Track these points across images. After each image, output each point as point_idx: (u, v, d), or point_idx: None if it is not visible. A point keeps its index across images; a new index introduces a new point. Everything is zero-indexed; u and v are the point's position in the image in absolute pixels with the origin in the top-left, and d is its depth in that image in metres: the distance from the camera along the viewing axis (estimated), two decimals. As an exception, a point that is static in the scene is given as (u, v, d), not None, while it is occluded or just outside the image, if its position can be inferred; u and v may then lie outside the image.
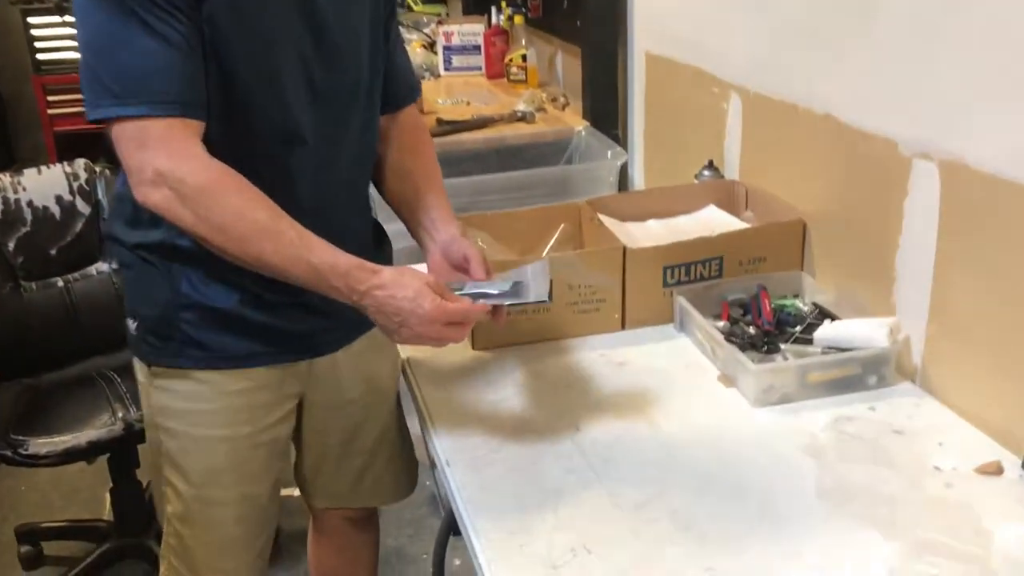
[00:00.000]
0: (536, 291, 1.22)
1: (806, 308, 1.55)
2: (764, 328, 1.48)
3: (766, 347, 1.39)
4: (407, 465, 1.56)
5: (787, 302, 1.59)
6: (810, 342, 1.44)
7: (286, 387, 1.33)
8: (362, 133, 1.30)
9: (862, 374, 1.37)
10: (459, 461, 1.25)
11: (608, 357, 1.51)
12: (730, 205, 1.82)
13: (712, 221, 1.77)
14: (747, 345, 1.41)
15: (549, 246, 1.72)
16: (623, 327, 1.60)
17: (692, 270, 1.59)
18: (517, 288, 1.23)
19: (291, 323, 1.28)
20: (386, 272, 1.12)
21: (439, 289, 1.13)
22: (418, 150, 1.41)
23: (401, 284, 1.11)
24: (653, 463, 1.23)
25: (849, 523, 1.10)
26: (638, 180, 2.31)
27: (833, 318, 1.49)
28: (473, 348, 1.54)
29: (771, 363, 1.36)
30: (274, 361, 1.29)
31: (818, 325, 1.46)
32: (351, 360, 1.39)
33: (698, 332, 1.51)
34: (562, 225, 1.74)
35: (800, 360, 1.35)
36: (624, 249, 1.55)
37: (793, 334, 1.47)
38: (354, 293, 1.12)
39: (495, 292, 1.21)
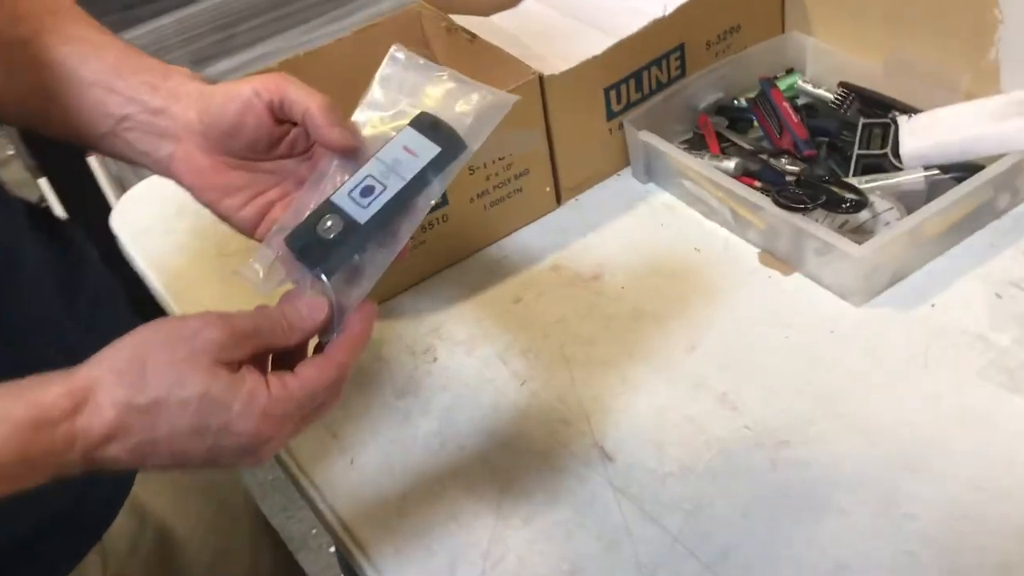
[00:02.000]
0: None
1: (831, 94, 0.97)
2: (803, 153, 0.90)
3: (849, 203, 0.81)
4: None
5: (784, 83, 1.00)
6: (882, 161, 0.87)
7: None
8: None
9: (993, 198, 0.84)
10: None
11: (565, 266, 0.90)
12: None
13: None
14: (808, 201, 0.82)
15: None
16: (559, 202, 0.98)
17: (645, 79, 0.96)
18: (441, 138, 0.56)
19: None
20: (100, 394, 0.46)
21: (244, 344, 0.49)
22: None
23: (150, 410, 0.46)
24: (774, 492, 0.67)
25: None
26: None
27: (884, 104, 0.93)
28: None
29: (880, 236, 0.79)
30: None
31: (879, 126, 0.89)
32: (159, 487, 0.72)
33: (693, 185, 0.92)
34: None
35: (916, 217, 0.79)
36: (540, 78, 0.89)
37: (849, 154, 0.89)
38: (68, 468, 0.46)
39: (410, 174, 0.55)
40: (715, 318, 0.82)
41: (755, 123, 0.97)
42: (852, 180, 0.85)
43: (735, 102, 1.01)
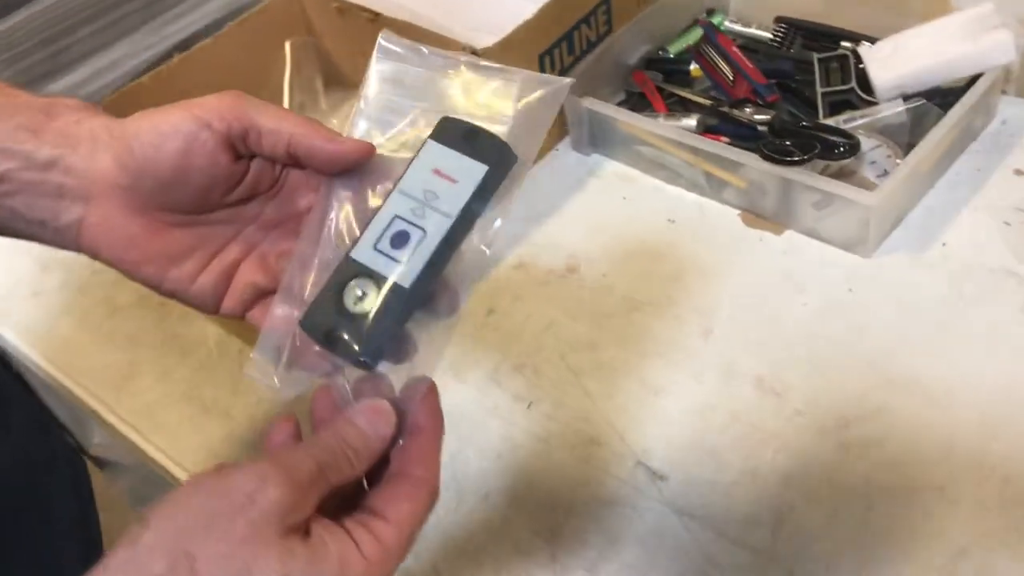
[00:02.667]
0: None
1: (766, 32, 0.91)
2: (766, 99, 0.82)
3: (842, 148, 0.74)
4: None
5: (714, 19, 0.93)
6: (849, 96, 0.81)
7: None
8: None
9: (972, 120, 0.79)
10: None
11: (531, 263, 0.79)
12: None
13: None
14: (800, 152, 0.75)
15: (288, 92, 0.88)
16: (502, 188, 0.87)
17: (577, 40, 0.86)
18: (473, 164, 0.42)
19: None
20: None
21: (310, 495, 0.37)
22: None
23: None
24: (858, 481, 0.60)
25: None
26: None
27: (831, 36, 0.87)
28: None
29: (891, 179, 0.72)
30: None
31: (836, 60, 0.83)
32: None
33: (652, 150, 0.83)
34: (287, 44, 0.89)
35: (920, 151, 0.73)
36: (475, 53, 0.77)
37: (808, 95, 0.83)
38: None
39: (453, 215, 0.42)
40: (718, 294, 0.73)
41: (692, 73, 0.89)
42: (830, 121, 0.78)
43: (660, 53, 0.93)
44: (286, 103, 0.88)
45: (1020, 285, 0.69)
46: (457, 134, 0.43)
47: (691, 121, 0.82)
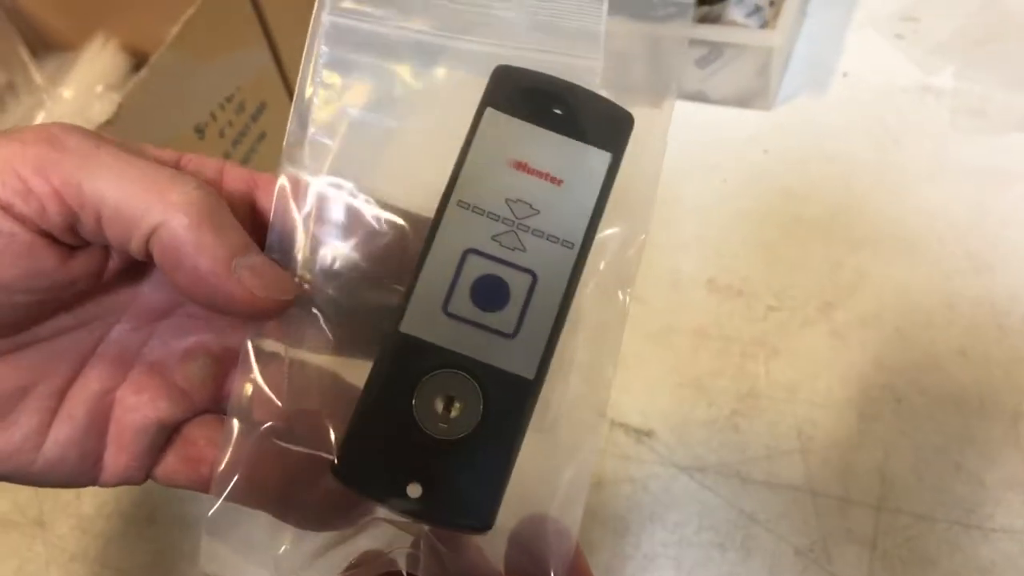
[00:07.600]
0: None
1: None
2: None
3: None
4: None
5: None
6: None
7: None
8: None
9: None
10: None
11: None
12: None
13: None
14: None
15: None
16: (310, 132, 0.69)
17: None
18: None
19: None
20: None
21: None
22: None
23: None
24: (867, 367, 0.50)
25: None
26: None
27: None
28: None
29: (787, 7, 0.61)
30: None
31: None
32: None
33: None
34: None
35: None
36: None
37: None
38: None
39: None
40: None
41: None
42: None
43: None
44: (-13, 86, 0.64)
45: (939, 98, 0.61)
46: (533, 97, 0.24)
47: None
